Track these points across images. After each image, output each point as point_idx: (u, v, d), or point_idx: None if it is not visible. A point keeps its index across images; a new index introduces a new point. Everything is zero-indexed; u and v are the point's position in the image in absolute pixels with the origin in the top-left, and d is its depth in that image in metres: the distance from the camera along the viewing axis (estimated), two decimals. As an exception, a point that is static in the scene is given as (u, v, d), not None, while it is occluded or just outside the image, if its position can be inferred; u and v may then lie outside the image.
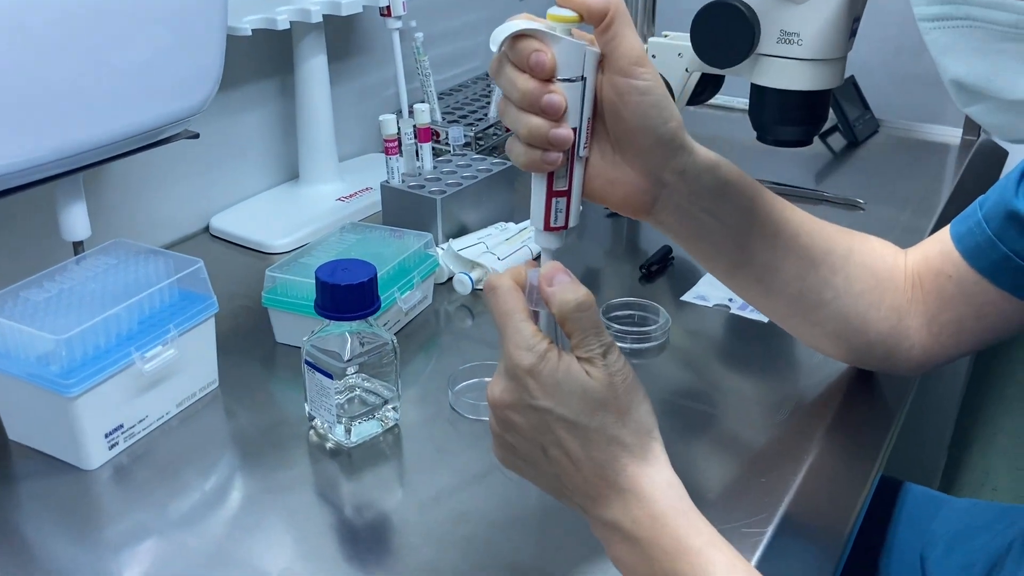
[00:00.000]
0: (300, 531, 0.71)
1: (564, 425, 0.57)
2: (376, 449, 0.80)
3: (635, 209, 0.69)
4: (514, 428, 0.59)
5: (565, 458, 0.58)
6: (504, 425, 0.60)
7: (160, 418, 0.82)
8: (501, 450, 0.62)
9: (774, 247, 0.74)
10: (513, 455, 0.61)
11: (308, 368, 0.78)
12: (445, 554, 0.68)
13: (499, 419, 0.60)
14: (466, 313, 1.02)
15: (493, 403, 0.59)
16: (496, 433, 0.61)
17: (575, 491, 0.59)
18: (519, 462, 0.61)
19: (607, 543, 0.59)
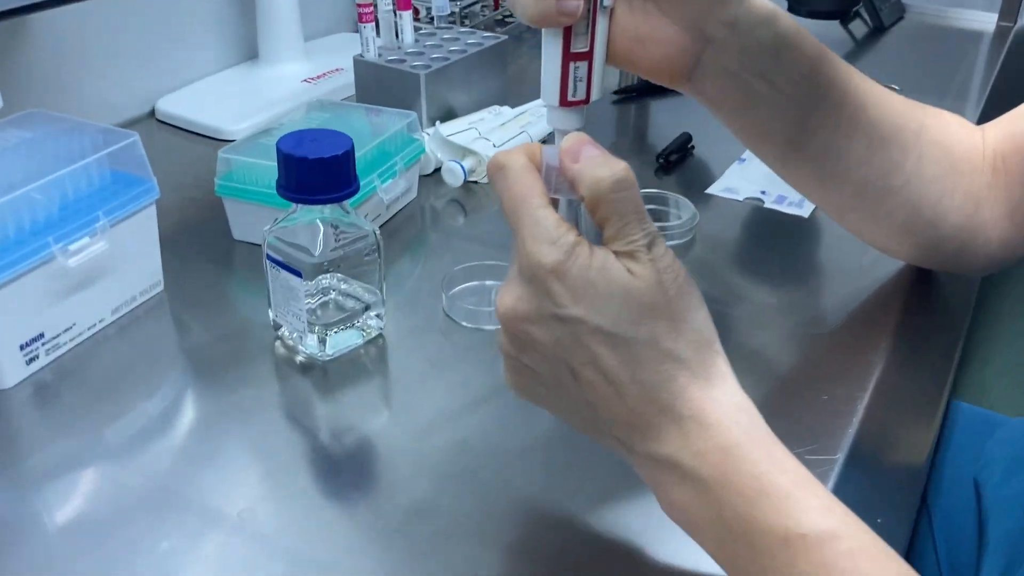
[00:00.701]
0: (265, 463, 0.58)
1: (601, 339, 0.44)
2: (356, 364, 0.66)
3: (671, 74, 0.56)
4: (533, 346, 0.46)
5: (602, 381, 0.45)
6: (519, 344, 0.46)
7: (92, 327, 0.68)
8: (515, 375, 0.49)
9: (838, 123, 0.61)
10: (531, 381, 0.48)
11: (271, 265, 0.64)
12: (440, 490, 0.55)
13: (513, 336, 0.46)
14: (457, 209, 0.88)
15: (506, 316, 0.46)
16: (508, 354, 0.48)
17: (615, 423, 0.46)
18: (539, 389, 0.48)
19: (659, 486, 0.46)
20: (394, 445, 0.59)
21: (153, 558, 0.51)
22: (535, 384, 0.48)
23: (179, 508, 0.54)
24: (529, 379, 0.48)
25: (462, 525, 0.53)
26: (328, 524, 0.53)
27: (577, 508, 0.54)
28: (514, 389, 0.49)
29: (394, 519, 0.53)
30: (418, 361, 0.67)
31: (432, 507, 0.54)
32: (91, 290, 0.66)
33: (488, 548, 0.52)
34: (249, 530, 0.53)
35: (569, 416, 0.48)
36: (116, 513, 0.54)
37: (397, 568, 0.50)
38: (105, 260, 0.66)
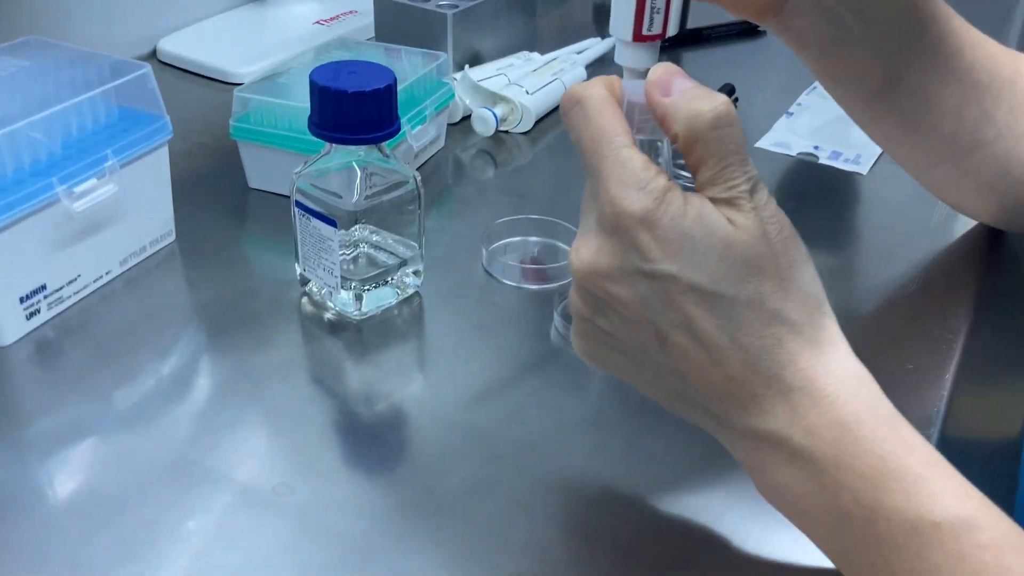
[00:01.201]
0: (295, 433, 0.52)
1: (696, 298, 0.38)
2: (390, 325, 0.60)
3: (761, 6, 0.50)
4: (613, 307, 0.40)
5: (696, 347, 0.39)
6: (597, 304, 0.40)
7: (98, 279, 0.61)
8: (588, 340, 0.43)
9: (931, 67, 0.55)
10: (607, 347, 0.42)
11: (300, 214, 0.57)
12: (482, 466, 0.49)
13: (589, 295, 0.41)
14: (487, 161, 0.82)
15: (582, 272, 0.40)
16: (582, 316, 0.42)
17: (708, 394, 0.40)
18: (616, 356, 0.42)
19: (759, 467, 0.40)
20: (438, 415, 0.53)
21: (178, 538, 0.45)
22: (611, 351, 0.42)
23: (204, 482, 0.48)
24: (605, 345, 0.42)
25: (521, 503, 0.47)
26: (374, 502, 0.47)
27: (646, 487, 0.49)
28: (585, 356, 0.44)
29: (446, 497, 0.47)
30: (458, 323, 0.61)
31: (487, 483, 0.48)
32: (98, 238, 0.59)
33: (551, 527, 0.46)
34: (288, 508, 0.47)
35: (650, 386, 0.43)
36: (133, 487, 0.48)
37: (456, 549, 0.45)
38: (113, 205, 0.59)
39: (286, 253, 0.65)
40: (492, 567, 0.44)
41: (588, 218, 0.40)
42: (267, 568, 0.44)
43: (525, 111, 0.83)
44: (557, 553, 0.45)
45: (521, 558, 0.45)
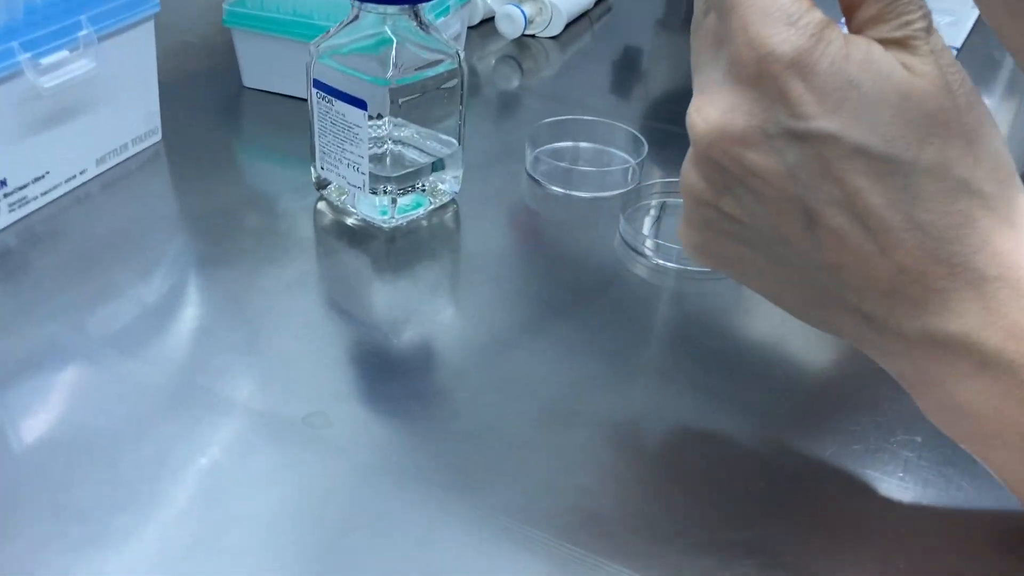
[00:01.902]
0: (316, 357, 0.42)
1: (864, 164, 0.29)
2: (420, 237, 0.51)
3: None
4: (748, 182, 0.30)
5: (859, 229, 0.30)
6: (724, 179, 0.31)
7: (71, 179, 0.51)
8: (704, 231, 0.33)
9: None
10: (730, 237, 0.33)
11: (320, 96, 0.47)
12: (528, 406, 0.41)
13: (715, 167, 0.31)
14: (512, 67, 0.72)
15: (711, 135, 0.30)
16: (700, 197, 0.32)
17: (870, 292, 0.31)
18: (741, 251, 0.33)
19: (934, 382, 0.32)
20: (476, 344, 0.44)
21: (187, 478, 0.35)
22: (736, 242, 0.33)
23: (216, 411, 0.38)
24: (728, 235, 0.33)
25: (572, 446, 0.38)
26: (416, 435, 0.38)
27: (712, 436, 0.40)
28: (697, 251, 0.34)
29: (490, 436, 0.38)
30: (500, 236, 0.52)
31: (536, 423, 0.39)
32: (71, 127, 0.49)
33: (600, 470, 0.37)
34: (324, 441, 0.37)
35: (783, 288, 0.34)
36: (126, 418, 0.38)
37: (507, 494, 0.36)
38: (90, 86, 0.48)
39: (289, 160, 0.55)
40: (549, 514, 0.35)
41: (710, 70, 0.31)
42: (304, 513, 0.34)
43: (555, 11, 0.73)
44: (612, 496, 0.36)
45: (580, 500, 0.36)
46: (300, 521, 0.34)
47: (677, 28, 0.85)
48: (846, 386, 0.43)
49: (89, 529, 0.33)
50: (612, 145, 0.58)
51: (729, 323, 0.46)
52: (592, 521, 0.35)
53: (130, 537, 0.33)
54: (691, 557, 0.34)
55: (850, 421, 0.40)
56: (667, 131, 0.62)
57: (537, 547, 0.34)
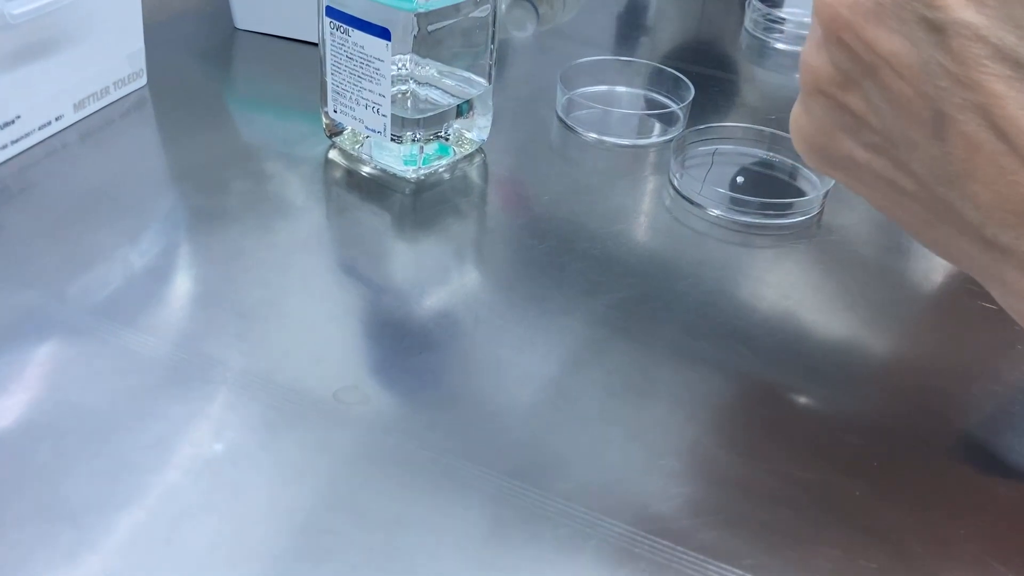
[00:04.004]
0: (337, 326, 0.36)
1: (1009, 68, 0.24)
2: (441, 190, 0.45)
3: None
4: (878, 72, 0.26)
5: (993, 139, 0.25)
6: (852, 65, 0.27)
7: (45, 126, 0.44)
8: (821, 124, 0.29)
9: None
10: (849, 134, 0.28)
11: (335, 27, 0.41)
12: (577, 374, 0.35)
13: (844, 50, 0.26)
14: (526, 11, 0.66)
15: (839, 12, 0.26)
16: (821, 85, 0.28)
17: (1000, 208, 0.26)
18: (859, 153, 0.28)
19: None
20: (508, 312, 0.38)
21: (197, 467, 0.29)
22: (853, 142, 0.28)
23: (232, 384, 0.32)
24: (846, 132, 0.28)
25: (622, 427, 0.33)
26: (466, 414, 0.32)
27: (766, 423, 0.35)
28: (811, 148, 0.29)
29: (525, 419, 0.33)
30: (533, 188, 0.46)
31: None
32: (44, 67, 0.43)
33: (653, 457, 0.32)
34: (360, 421, 0.32)
35: (900, 199, 0.28)
36: (121, 396, 0.32)
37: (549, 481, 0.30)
38: (65, 19, 0.42)
39: (290, 108, 0.49)
40: (632, 503, 0.30)
41: None
42: (342, 507, 0.29)
43: (573, -50, 0.67)
44: (704, 480, 0.31)
45: (667, 484, 0.30)
46: (337, 517, 0.28)
47: None
48: (954, 354, 0.38)
49: (82, 532, 0.27)
50: (650, 88, 0.52)
51: (806, 279, 0.41)
52: (684, 511, 0.29)
53: (132, 540, 0.27)
54: (810, 554, 0.28)
55: (952, 390, 0.35)
56: (706, 75, 0.57)
57: (620, 543, 0.28)
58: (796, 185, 0.47)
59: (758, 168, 0.48)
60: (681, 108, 0.50)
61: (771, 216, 0.43)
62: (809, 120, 0.29)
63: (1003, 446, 0.33)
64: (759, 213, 0.43)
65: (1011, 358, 0.37)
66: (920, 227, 0.29)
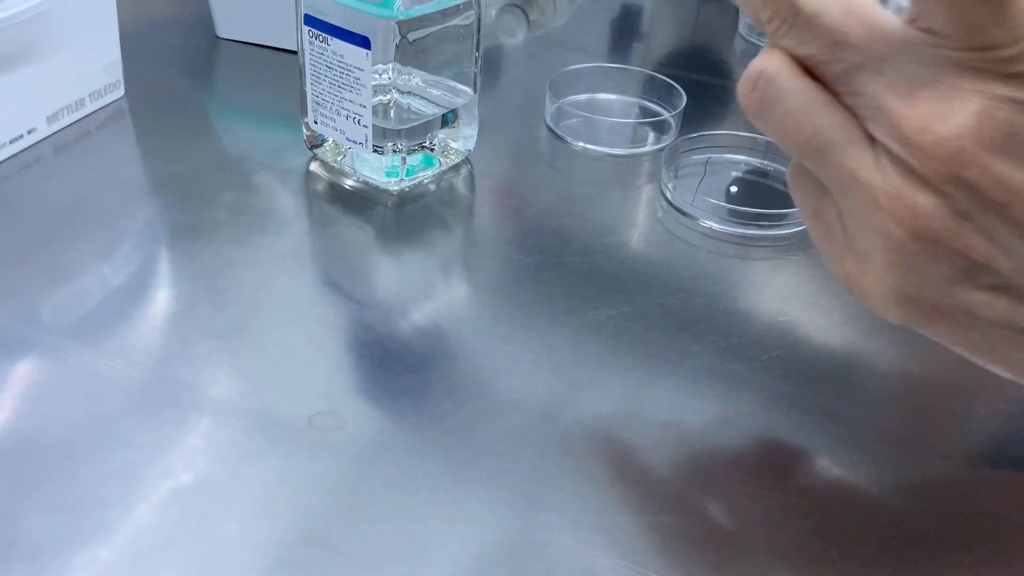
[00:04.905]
0: (315, 347, 0.35)
1: None
2: (426, 202, 0.44)
3: None
4: (1005, 206, 0.22)
5: None
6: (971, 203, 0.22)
7: (17, 140, 0.43)
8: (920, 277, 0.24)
9: None
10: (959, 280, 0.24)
11: (314, 35, 0.40)
12: (567, 397, 0.34)
13: (960, 185, 0.22)
14: (518, 17, 0.65)
15: (952, 144, 0.22)
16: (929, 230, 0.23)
17: None
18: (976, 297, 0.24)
19: None
20: (495, 327, 0.37)
21: (166, 500, 0.28)
22: (969, 288, 0.24)
23: (201, 411, 0.31)
24: (961, 278, 0.24)
25: (613, 440, 0.32)
26: (450, 438, 0.31)
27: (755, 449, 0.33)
28: (907, 304, 0.25)
29: (513, 436, 0.32)
30: (521, 199, 0.45)
31: (562, 422, 0.33)
32: (16, 79, 0.41)
33: (641, 471, 0.31)
34: (337, 448, 0.30)
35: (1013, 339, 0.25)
36: (88, 424, 0.31)
37: (540, 501, 0.29)
38: (38, 30, 0.41)
39: (272, 119, 0.48)
40: (629, 534, 0.28)
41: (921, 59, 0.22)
42: (319, 539, 0.27)
43: (563, -46, 0.66)
44: (704, 509, 0.30)
45: (663, 513, 0.29)
46: (310, 552, 0.27)
47: None
48: (956, 371, 0.36)
49: (43, 569, 0.26)
50: (641, 96, 0.51)
51: (802, 293, 0.39)
52: (676, 539, 0.28)
53: (96, 579, 0.26)
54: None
55: (958, 406, 0.34)
56: (700, 81, 0.55)
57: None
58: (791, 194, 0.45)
59: (752, 177, 0.47)
60: (673, 116, 0.48)
61: (765, 227, 0.42)
62: (905, 273, 0.24)
63: (1008, 463, 0.32)
64: (753, 224, 0.42)
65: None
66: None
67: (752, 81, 0.24)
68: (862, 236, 0.24)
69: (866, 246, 0.24)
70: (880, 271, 0.24)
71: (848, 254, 0.25)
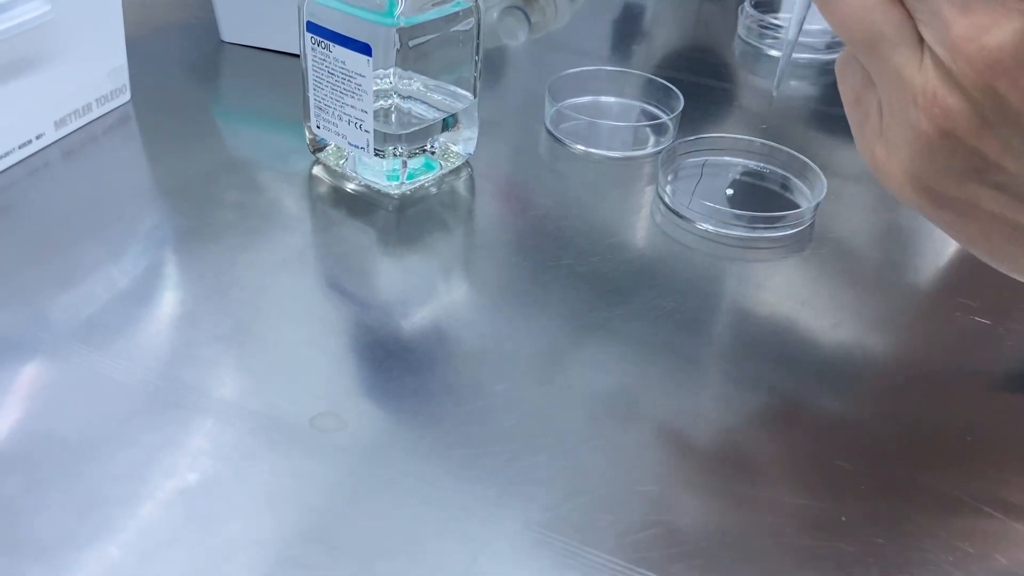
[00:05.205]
0: (318, 348, 0.36)
1: None
2: (428, 205, 0.44)
3: None
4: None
5: None
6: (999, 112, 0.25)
7: (25, 145, 0.44)
8: (940, 169, 0.27)
9: None
10: (972, 178, 0.27)
11: (316, 41, 0.41)
12: (559, 396, 0.34)
13: (992, 95, 0.25)
14: (518, 19, 0.65)
15: (992, 58, 0.24)
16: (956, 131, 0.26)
17: None
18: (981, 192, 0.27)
19: None
20: (497, 329, 0.38)
21: (172, 499, 0.29)
22: (978, 184, 0.27)
23: (205, 412, 0.32)
24: (973, 177, 0.27)
25: (617, 446, 0.32)
26: (447, 438, 0.32)
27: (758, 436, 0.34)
28: (923, 190, 0.28)
29: (518, 434, 0.32)
30: (520, 202, 0.45)
31: (564, 421, 0.33)
32: (23, 85, 0.42)
33: (641, 476, 0.31)
34: (339, 448, 0.31)
35: (1011, 235, 0.28)
36: (95, 425, 0.31)
37: (544, 506, 0.30)
38: (46, 36, 0.42)
39: (277, 123, 0.49)
40: (615, 531, 0.29)
41: None
42: (320, 537, 0.28)
43: (564, -43, 0.66)
44: (689, 507, 0.30)
45: (650, 512, 0.30)
46: (312, 549, 0.28)
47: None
48: (948, 369, 0.37)
49: (52, 566, 0.27)
50: (640, 99, 0.52)
51: (797, 295, 0.40)
52: (667, 539, 0.29)
53: (105, 575, 0.27)
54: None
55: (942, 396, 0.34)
56: (698, 83, 0.56)
57: (600, 573, 0.28)
58: (788, 196, 0.46)
59: (749, 179, 0.47)
60: (671, 119, 0.49)
61: (761, 229, 0.42)
62: (927, 162, 0.27)
63: (1000, 463, 0.32)
64: (749, 227, 0.42)
65: (1007, 373, 0.36)
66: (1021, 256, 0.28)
67: None
68: (895, 126, 0.27)
69: (897, 136, 0.27)
70: (905, 159, 0.27)
71: (880, 141, 0.28)
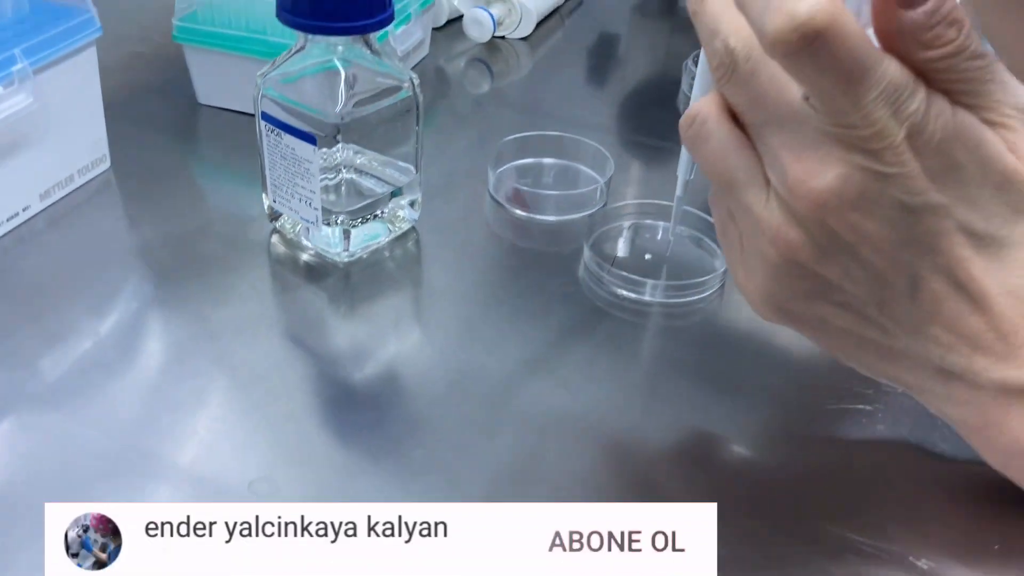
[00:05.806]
0: (270, 410, 0.41)
1: (967, 237, 0.30)
2: (380, 268, 0.49)
3: None
4: (857, 249, 0.30)
5: (955, 295, 0.31)
6: (831, 242, 0.30)
7: (13, 217, 0.49)
8: (787, 292, 0.32)
9: None
10: (821, 299, 0.32)
11: (269, 129, 0.45)
12: (503, 442, 0.39)
13: (824, 229, 0.30)
14: (480, 71, 0.70)
15: (824, 198, 0.29)
16: (798, 259, 0.31)
17: (956, 348, 0.32)
18: (827, 310, 0.33)
19: (997, 425, 0.32)
20: (445, 379, 0.42)
21: (125, 559, 0.34)
22: (823, 304, 0.32)
23: (159, 479, 0.37)
24: (817, 297, 0.32)
25: (554, 485, 0.37)
26: (377, 493, 0.37)
27: (700, 473, 0.39)
28: (775, 310, 0.33)
29: (468, 484, 0.37)
30: (463, 264, 0.50)
31: (512, 464, 0.38)
32: (10, 164, 0.47)
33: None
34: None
35: (863, 347, 0.33)
36: (60, 487, 0.36)
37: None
38: (29, 122, 0.46)
39: (248, 182, 0.53)
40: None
41: (805, 130, 0.29)
42: (247, 596, 0.33)
43: (525, 12, 0.70)
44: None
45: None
46: (243, 602, 0.33)
47: (653, 14, 0.82)
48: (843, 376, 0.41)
49: (21, 618, 0.32)
50: (579, 161, 0.56)
51: (714, 348, 0.44)
52: None
53: (63, 626, 0.32)
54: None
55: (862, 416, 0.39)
56: (640, 143, 0.60)
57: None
58: (710, 260, 0.50)
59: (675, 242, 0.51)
60: (604, 183, 0.53)
61: (673, 296, 0.47)
62: (777, 286, 0.32)
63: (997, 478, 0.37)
64: (662, 292, 0.47)
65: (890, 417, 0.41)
66: (877, 365, 0.34)
67: (690, 119, 0.32)
68: (751, 254, 0.32)
69: (753, 262, 0.32)
70: (759, 282, 0.32)
71: (741, 265, 0.33)
